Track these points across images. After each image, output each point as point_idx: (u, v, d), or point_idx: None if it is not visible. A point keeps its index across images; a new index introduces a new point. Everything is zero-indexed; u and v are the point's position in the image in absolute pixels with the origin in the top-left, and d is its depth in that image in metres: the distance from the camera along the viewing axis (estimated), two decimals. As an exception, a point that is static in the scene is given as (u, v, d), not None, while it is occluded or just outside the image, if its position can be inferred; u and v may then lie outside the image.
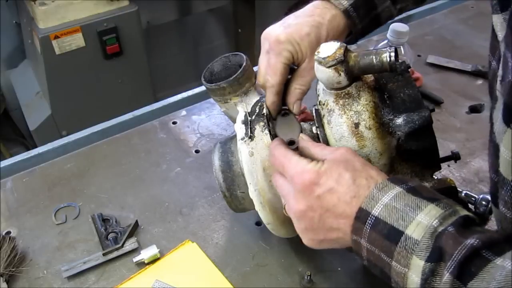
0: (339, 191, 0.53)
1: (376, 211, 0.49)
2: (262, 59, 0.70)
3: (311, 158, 0.58)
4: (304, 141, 0.63)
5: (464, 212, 0.48)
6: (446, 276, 0.43)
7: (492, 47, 0.53)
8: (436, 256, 0.45)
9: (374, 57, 0.58)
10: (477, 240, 0.43)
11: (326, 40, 0.67)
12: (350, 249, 0.54)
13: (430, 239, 0.46)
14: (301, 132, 0.67)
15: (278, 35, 0.67)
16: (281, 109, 0.71)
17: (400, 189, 0.50)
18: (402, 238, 0.47)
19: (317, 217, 0.54)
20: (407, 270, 0.47)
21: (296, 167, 0.57)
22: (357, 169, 0.54)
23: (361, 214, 0.51)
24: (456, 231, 0.45)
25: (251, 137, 0.66)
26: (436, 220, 0.47)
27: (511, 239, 0.45)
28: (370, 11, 0.72)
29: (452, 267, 0.43)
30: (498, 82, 0.49)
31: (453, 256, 0.43)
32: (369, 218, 0.50)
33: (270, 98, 0.69)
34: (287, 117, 0.70)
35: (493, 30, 0.51)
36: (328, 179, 0.53)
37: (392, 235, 0.48)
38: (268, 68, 0.68)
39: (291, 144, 0.66)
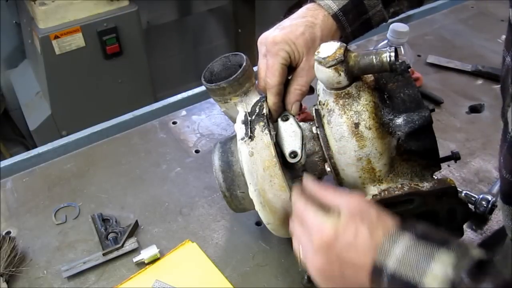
0: (358, 245, 0.52)
1: (389, 263, 0.49)
2: (261, 62, 0.71)
3: (323, 204, 0.57)
4: (311, 185, 0.61)
5: (473, 253, 0.48)
6: None
7: (508, 42, 0.52)
8: None
9: (374, 57, 0.58)
10: (492, 285, 0.43)
11: (321, 40, 0.68)
12: None
13: None
14: (303, 137, 0.67)
15: (274, 37, 0.68)
16: (282, 113, 0.71)
17: (410, 236, 0.50)
18: None
19: (337, 270, 0.54)
20: None
21: (314, 221, 0.56)
22: (373, 220, 0.53)
23: (376, 268, 0.50)
24: (470, 279, 0.45)
25: (251, 137, 0.66)
26: (450, 268, 0.46)
27: None
28: (360, 15, 0.72)
29: None
30: None
31: None
32: (384, 272, 0.49)
33: (271, 99, 0.69)
34: (288, 122, 0.70)
35: (510, 24, 0.51)
36: (346, 234, 0.53)
37: None
38: (267, 70, 0.69)
39: (294, 157, 0.67)
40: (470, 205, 0.83)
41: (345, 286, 0.55)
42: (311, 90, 0.72)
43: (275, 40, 0.68)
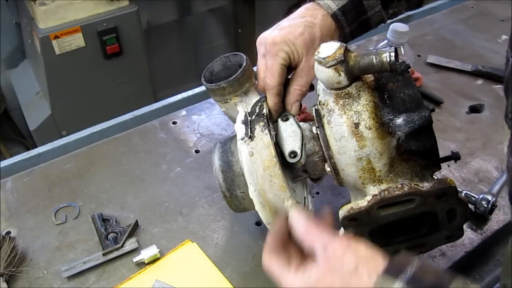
0: None
1: None
2: (260, 63, 0.71)
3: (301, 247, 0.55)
4: (296, 224, 0.56)
5: None
6: None
7: None
8: None
9: (374, 57, 0.58)
10: None
11: (320, 40, 0.68)
12: None
13: None
14: (303, 137, 0.67)
15: (274, 38, 0.68)
16: (282, 113, 0.71)
17: (400, 285, 0.45)
18: None
19: None
20: None
21: (284, 281, 0.53)
22: (346, 272, 0.49)
23: None
24: None
25: (251, 137, 0.66)
26: None
27: None
28: (359, 15, 0.72)
29: None
30: None
31: None
32: None
33: (271, 100, 0.69)
34: (288, 122, 0.70)
35: None
36: (320, 279, 0.50)
37: None
38: (266, 71, 0.69)
39: (294, 157, 0.67)
40: (470, 205, 0.83)
41: None
42: (311, 87, 0.72)
43: (275, 40, 0.68)
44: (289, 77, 0.72)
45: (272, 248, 0.56)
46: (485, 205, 0.82)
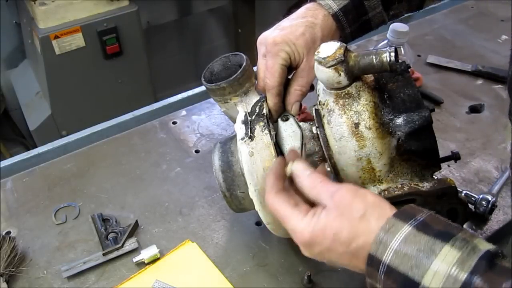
0: (337, 250, 0.50)
1: (386, 258, 0.46)
2: (260, 63, 0.71)
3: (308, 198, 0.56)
4: (298, 177, 0.57)
5: (483, 246, 0.44)
6: None
7: None
8: None
9: (374, 57, 0.58)
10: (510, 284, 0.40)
11: (321, 40, 0.68)
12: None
13: None
14: (303, 137, 0.67)
15: (274, 38, 0.68)
16: (282, 113, 0.71)
17: (409, 228, 0.46)
18: None
19: (321, 256, 0.53)
20: None
21: (292, 227, 0.54)
22: (354, 217, 0.50)
23: (372, 261, 0.47)
24: (483, 280, 0.41)
25: (251, 137, 0.66)
26: (454, 268, 0.43)
27: None
28: (360, 16, 0.72)
29: None
30: None
31: None
32: (381, 265, 0.46)
33: (271, 100, 0.69)
34: (288, 122, 0.70)
35: None
36: (324, 239, 0.51)
37: (407, 285, 0.44)
38: (266, 71, 0.69)
39: None
40: (470, 205, 0.83)
41: (335, 264, 0.53)
42: (311, 87, 0.72)
43: (275, 40, 0.68)
44: (289, 77, 0.72)
45: (275, 188, 0.57)
46: (485, 205, 0.82)
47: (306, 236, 0.52)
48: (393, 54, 0.58)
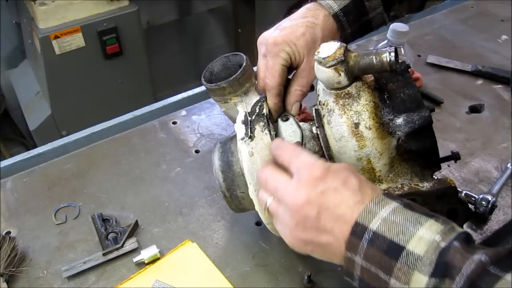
0: (344, 193, 0.51)
1: (374, 225, 0.48)
2: (260, 63, 0.71)
3: None
4: (282, 147, 0.60)
5: (460, 229, 0.48)
6: None
7: None
8: (441, 271, 0.44)
9: (374, 57, 0.58)
10: (484, 256, 0.43)
11: (322, 40, 0.68)
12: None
13: (434, 254, 0.45)
14: (303, 137, 0.67)
15: (275, 38, 0.68)
16: (282, 113, 0.71)
17: (397, 204, 0.49)
18: (403, 253, 0.46)
19: (314, 213, 0.52)
20: (407, 287, 0.45)
21: (305, 160, 0.55)
22: (362, 179, 0.54)
23: (357, 229, 0.49)
24: (461, 247, 0.44)
25: (251, 137, 0.66)
26: (438, 235, 0.46)
27: None
28: (361, 17, 0.72)
29: (462, 282, 0.42)
30: None
31: (462, 271, 0.42)
32: (366, 233, 0.48)
33: (271, 100, 0.69)
34: (288, 122, 0.70)
35: None
36: (335, 179, 0.52)
37: (392, 250, 0.46)
38: (267, 71, 0.69)
39: None
40: (470, 205, 0.83)
41: (313, 238, 0.53)
42: (311, 88, 0.72)
43: (276, 41, 0.67)
44: (290, 77, 0.72)
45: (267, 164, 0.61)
46: (485, 205, 0.82)
47: (320, 170, 0.53)
48: (393, 54, 0.58)
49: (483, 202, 0.82)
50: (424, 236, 0.46)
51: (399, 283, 0.46)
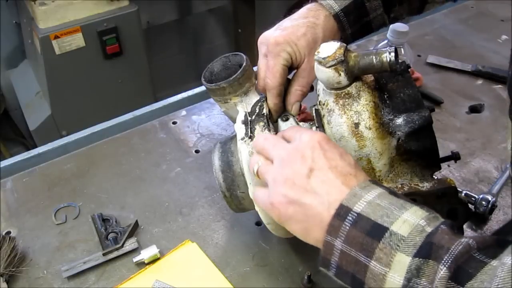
0: (339, 162, 0.52)
1: (358, 207, 0.48)
2: (261, 62, 0.71)
3: None
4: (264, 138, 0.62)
5: (443, 219, 0.48)
6: (443, 271, 0.41)
7: None
8: (425, 252, 0.43)
9: (374, 57, 0.58)
10: (471, 240, 0.43)
11: (322, 40, 0.68)
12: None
13: (418, 236, 0.44)
14: None
15: (276, 38, 0.68)
16: (282, 113, 0.71)
17: (383, 190, 0.50)
18: (386, 234, 0.45)
19: (306, 171, 0.52)
20: (388, 270, 0.44)
21: (308, 131, 0.58)
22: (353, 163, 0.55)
23: (341, 211, 0.48)
24: (448, 229, 0.45)
25: (251, 137, 0.66)
26: (423, 220, 0.46)
27: (502, 242, 0.44)
28: (361, 17, 0.72)
29: (449, 261, 0.42)
30: None
31: (450, 251, 0.42)
32: (349, 215, 0.47)
33: (272, 100, 0.69)
34: (288, 122, 0.70)
35: None
36: (336, 148, 0.54)
37: (375, 231, 0.46)
38: (267, 71, 0.69)
39: None
40: (470, 205, 0.83)
41: (298, 198, 0.52)
42: (311, 88, 0.72)
43: (277, 41, 0.67)
44: (289, 77, 0.72)
45: None
46: (485, 205, 0.82)
47: (323, 137, 0.55)
48: (393, 54, 0.58)
49: (483, 202, 0.82)
50: (409, 219, 0.46)
51: (379, 265, 0.45)
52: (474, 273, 0.41)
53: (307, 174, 0.52)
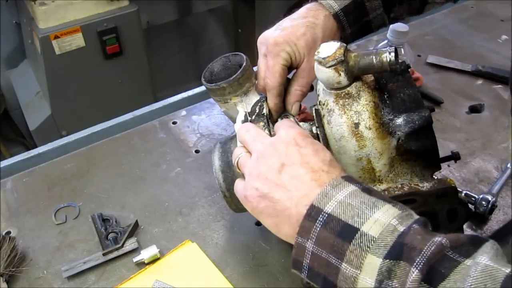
0: (312, 158, 0.52)
1: (329, 208, 0.47)
2: (261, 62, 0.71)
3: None
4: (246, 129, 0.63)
5: (417, 216, 0.47)
6: (415, 274, 0.40)
7: None
8: (396, 254, 0.42)
9: (374, 57, 0.58)
10: (445, 239, 0.42)
11: (322, 40, 0.68)
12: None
13: (389, 236, 0.43)
14: None
15: (276, 38, 0.68)
16: (282, 113, 0.71)
17: (355, 188, 0.48)
18: (357, 235, 0.44)
19: (278, 166, 0.53)
20: (359, 272, 0.43)
21: (289, 124, 0.59)
22: (335, 159, 0.55)
23: (312, 212, 0.47)
24: (421, 229, 0.44)
25: (251, 137, 0.66)
26: (395, 219, 0.45)
27: (476, 241, 0.43)
28: (361, 17, 0.72)
29: (422, 263, 0.40)
30: None
31: (423, 252, 0.41)
32: (321, 216, 0.47)
33: (272, 100, 0.69)
34: None
35: None
36: (312, 144, 0.54)
37: (345, 232, 0.45)
38: (267, 71, 0.69)
39: None
40: (470, 205, 0.83)
41: (269, 191, 0.52)
42: (311, 87, 0.72)
43: (277, 41, 0.67)
44: (289, 76, 0.72)
45: None
46: (485, 205, 0.82)
47: (301, 132, 0.56)
48: (393, 54, 0.58)
49: (483, 202, 0.82)
50: (380, 219, 0.45)
51: (350, 267, 0.44)
52: (447, 273, 0.40)
53: (278, 169, 0.53)
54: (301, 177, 0.51)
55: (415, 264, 0.41)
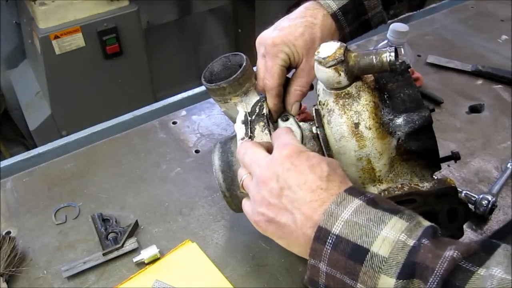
0: (309, 176, 0.51)
1: (336, 229, 0.47)
2: (260, 63, 0.71)
3: None
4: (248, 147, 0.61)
5: (426, 223, 0.47)
6: None
7: None
8: (408, 272, 0.42)
9: (374, 57, 0.58)
10: (456, 252, 0.42)
11: (321, 40, 0.68)
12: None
13: (400, 254, 0.43)
14: (303, 137, 0.67)
15: (274, 38, 0.67)
16: (282, 113, 0.71)
17: (360, 202, 0.48)
18: (367, 256, 0.44)
19: (277, 190, 0.52)
20: None
21: (284, 140, 0.58)
22: (335, 170, 0.53)
23: (320, 234, 0.48)
24: (431, 243, 0.43)
25: (251, 137, 0.66)
26: (403, 234, 0.44)
27: (487, 247, 0.43)
28: (360, 16, 0.72)
29: (435, 282, 0.41)
30: None
31: (435, 271, 0.41)
32: (329, 237, 0.47)
33: (271, 101, 0.69)
34: (288, 122, 0.70)
35: None
36: (305, 161, 0.53)
37: (356, 254, 0.45)
38: (266, 72, 0.69)
39: None
40: (470, 205, 0.83)
41: (274, 216, 0.53)
42: (311, 87, 0.72)
43: (275, 41, 0.67)
44: (288, 76, 0.72)
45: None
46: (485, 205, 0.82)
47: (295, 148, 0.55)
48: (393, 54, 0.58)
49: (483, 202, 0.82)
50: (389, 236, 0.45)
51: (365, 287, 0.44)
52: (462, 286, 0.40)
53: (278, 194, 0.53)
54: (300, 199, 0.51)
55: (429, 283, 0.41)
